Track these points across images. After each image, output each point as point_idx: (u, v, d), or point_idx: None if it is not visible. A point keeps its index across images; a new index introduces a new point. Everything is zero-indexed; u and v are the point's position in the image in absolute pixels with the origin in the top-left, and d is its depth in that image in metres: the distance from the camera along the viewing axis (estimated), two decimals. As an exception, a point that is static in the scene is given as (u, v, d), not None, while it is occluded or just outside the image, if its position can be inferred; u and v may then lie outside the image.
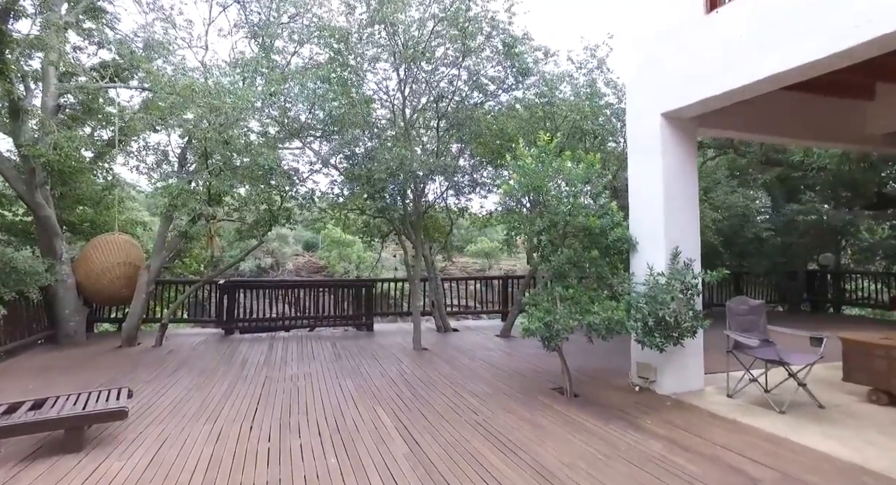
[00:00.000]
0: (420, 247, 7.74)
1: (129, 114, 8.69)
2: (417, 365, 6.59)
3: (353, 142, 6.83)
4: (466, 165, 8.34)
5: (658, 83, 5.11)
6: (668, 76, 4.99)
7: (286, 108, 7.01)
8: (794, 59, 3.77)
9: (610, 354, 6.66)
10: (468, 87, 7.65)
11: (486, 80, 7.79)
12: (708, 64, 4.53)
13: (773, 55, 3.92)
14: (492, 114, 7.83)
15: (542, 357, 6.95)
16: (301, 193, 7.70)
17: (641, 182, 5.38)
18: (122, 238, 8.25)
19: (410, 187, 7.14)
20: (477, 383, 5.63)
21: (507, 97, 8.08)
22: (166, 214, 7.52)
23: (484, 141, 8.24)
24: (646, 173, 5.30)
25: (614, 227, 5.21)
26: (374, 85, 7.93)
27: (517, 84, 7.83)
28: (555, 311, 4.86)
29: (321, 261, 38.73)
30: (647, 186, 5.28)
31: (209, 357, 7.12)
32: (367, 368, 6.46)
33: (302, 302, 9.59)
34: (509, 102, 8.26)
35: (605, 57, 7.69)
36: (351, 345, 8.13)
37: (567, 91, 7.61)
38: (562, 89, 7.56)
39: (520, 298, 9.00)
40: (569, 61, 7.88)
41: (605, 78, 7.74)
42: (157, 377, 5.91)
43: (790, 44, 3.80)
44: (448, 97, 7.64)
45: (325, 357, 7.17)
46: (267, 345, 8.14)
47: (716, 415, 4.31)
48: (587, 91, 7.47)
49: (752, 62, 4.10)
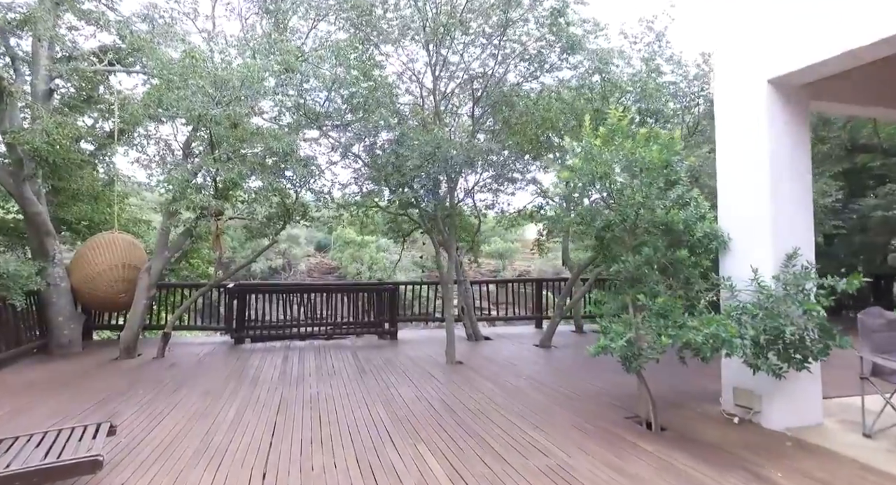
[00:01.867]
0: (453, 246, 6.82)
1: (131, 103, 7.89)
2: (456, 384, 5.67)
3: (380, 126, 5.89)
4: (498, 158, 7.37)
5: (764, 41, 4.13)
6: (779, 31, 4.01)
7: (303, 90, 6.13)
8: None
9: (681, 373, 5.67)
10: (505, 66, 6.71)
11: (526, 59, 6.84)
12: (835, 10, 3.55)
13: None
14: (530, 97, 6.87)
15: (596, 373, 5.99)
16: (319, 185, 6.80)
17: (736, 166, 4.41)
18: (121, 237, 7.44)
19: (443, 177, 6.22)
20: (534, 410, 4.69)
21: (551, 79, 7.12)
22: (169, 209, 6.68)
23: (521, 128, 7.30)
24: (743, 155, 4.32)
25: (700, 220, 4.24)
26: (398, 66, 7.03)
27: (561, 62, 6.87)
28: (637, 324, 3.91)
29: (333, 262, 38.14)
30: (744, 171, 4.30)
31: (216, 372, 6.26)
32: (397, 387, 5.55)
33: (318, 308, 8.72)
34: (551, 85, 7.30)
35: (665, 30, 6.70)
36: (375, 357, 7.23)
37: (621, 69, 6.63)
38: (613, 68, 6.57)
39: (561, 304, 8.05)
40: (622, 36, 6.90)
41: (664, 53, 6.74)
42: (154, 400, 5.05)
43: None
44: (483, 78, 6.71)
45: (348, 373, 6.27)
46: (281, 356, 7.27)
47: (869, 467, 3.29)
48: (645, 68, 6.48)
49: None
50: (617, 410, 4.64)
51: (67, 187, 7.91)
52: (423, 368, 6.54)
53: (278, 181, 6.34)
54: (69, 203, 7.97)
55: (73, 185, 7.52)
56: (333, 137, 6.60)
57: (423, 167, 5.55)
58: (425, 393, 5.31)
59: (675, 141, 4.21)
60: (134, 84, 8.13)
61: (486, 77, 6.68)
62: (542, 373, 6.26)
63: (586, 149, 4.34)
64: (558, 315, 8.03)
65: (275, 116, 6.35)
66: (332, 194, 6.92)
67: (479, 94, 6.65)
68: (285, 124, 6.22)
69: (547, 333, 7.98)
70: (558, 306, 8.03)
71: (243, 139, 5.90)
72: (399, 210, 7.57)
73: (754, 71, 4.17)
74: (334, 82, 6.04)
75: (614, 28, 10.07)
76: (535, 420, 4.40)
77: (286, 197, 6.63)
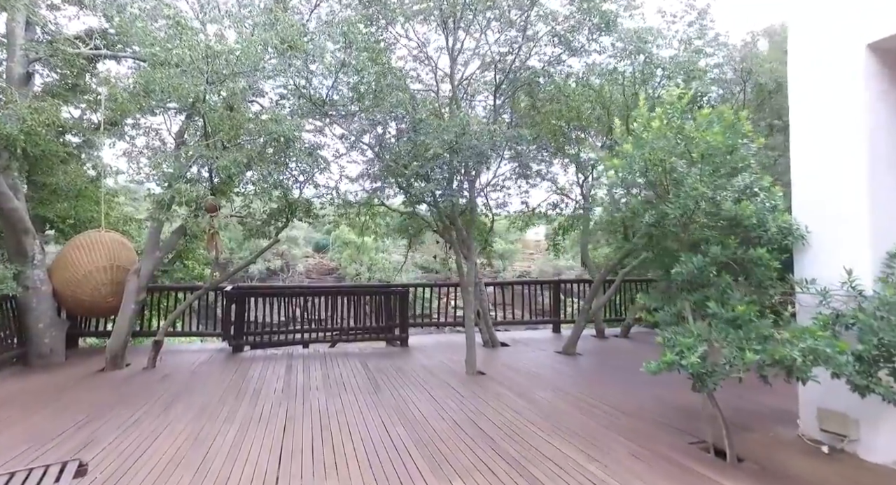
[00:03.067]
0: (473, 247, 6.21)
1: (119, 93, 7.25)
2: (481, 399, 5.06)
3: (396, 111, 5.25)
4: (525, 148, 6.77)
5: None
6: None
7: (307, 72, 5.49)
8: None
9: (735, 387, 5.09)
10: (529, 48, 6.10)
11: (552, 42, 6.23)
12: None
13: None
14: (555, 79, 6.26)
15: (635, 385, 5.40)
16: (325, 178, 6.17)
17: (818, 149, 3.82)
18: (108, 236, 6.80)
19: (461, 169, 5.60)
20: (577, 432, 4.09)
21: (578, 63, 6.52)
22: (161, 204, 6.05)
23: (545, 118, 6.71)
24: (829, 135, 3.73)
25: (771, 213, 3.64)
26: (410, 49, 6.40)
27: (590, 43, 6.27)
28: (710, 336, 3.31)
29: (332, 263, 37.51)
30: (830, 154, 3.71)
31: (213, 384, 5.64)
32: (416, 402, 4.94)
33: (323, 312, 8.09)
34: (578, 70, 6.71)
35: (707, 7, 6.10)
36: (386, 366, 6.62)
37: (657, 51, 6.02)
38: (652, 49, 5.97)
39: (586, 308, 7.46)
40: (659, 14, 6.30)
41: (706, 34, 6.13)
42: (142, 420, 4.42)
43: None
44: (503, 63, 6.10)
45: (359, 384, 5.66)
46: (284, 365, 6.65)
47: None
48: (684, 49, 5.89)
49: None
50: (675, 432, 4.04)
51: (50, 183, 7.26)
52: (440, 378, 5.94)
53: (280, 173, 5.71)
54: (52, 200, 7.33)
55: (56, 180, 6.87)
56: (340, 127, 5.97)
57: (444, 156, 4.93)
58: (449, 410, 4.71)
59: (741, 122, 3.61)
60: (123, 73, 7.35)
61: (510, 60, 6.07)
62: (574, 384, 5.66)
63: (641, 133, 3.75)
64: (583, 320, 7.43)
65: (276, 100, 5.72)
66: (339, 188, 6.29)
67: (500, 80, 6.04)
68: (287, 110, 5.58)
69: (570, 339, 7.38)
70: (583, 310, 7.44)
71: (241, 125, 5.27)
72: (411, 208, 6.98)
73: (849, 35, 3.57)
74: (343, 65, 5.41)
75: (650, 5, 9.47)
76: (582, 444, 3.81)
77: (289, 191, 6.00)
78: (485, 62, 6.09)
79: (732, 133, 3.65)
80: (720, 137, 3.44)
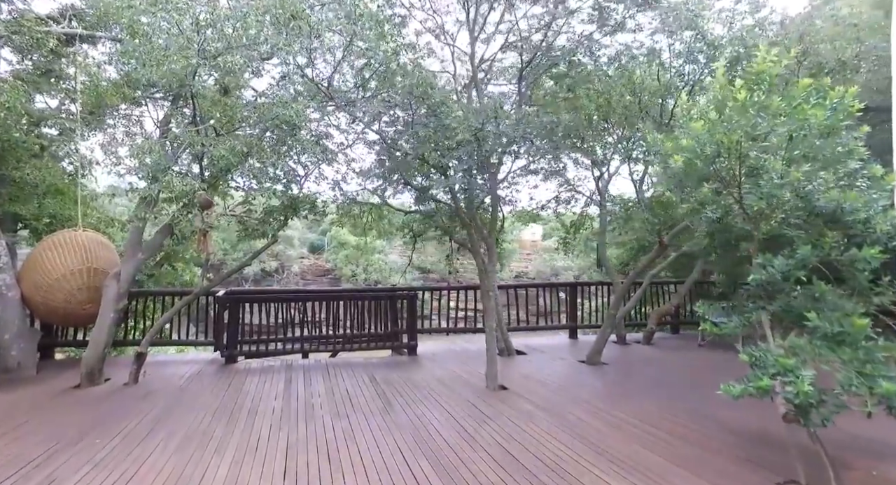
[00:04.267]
0: (494, 247, 5.60)
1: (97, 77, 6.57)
2: (510, 420, 4.43)
3: (414, 92, 4.58)
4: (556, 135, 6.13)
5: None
6: None
7: (311, 49, 4.84)
8: None
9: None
10: (559, 26, 5.49)
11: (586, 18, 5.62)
12: None
13: None
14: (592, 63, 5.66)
15: (683, 403, 4.81)
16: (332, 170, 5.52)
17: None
18: (86, 236, 6.10)
19: (487, 160, 4.97)
20: (631, 464, 3.48)
21: (612, 42, 5.90)
22: (145, 200, 5.39)
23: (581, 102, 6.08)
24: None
25: (882, 208, 3.05)
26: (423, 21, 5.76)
27: (626, 20, 5.66)
28: (814, 354, 2.71)
29: (328, 264, 36.81)
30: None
31: (203, 403, 4.98)
32: (436, 425, 4.31)
33: (324, 318, 7.44)
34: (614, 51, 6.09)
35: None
36: (396, 378, 5.99)
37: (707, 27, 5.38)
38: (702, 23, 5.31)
39: (612, 313, 6.86)
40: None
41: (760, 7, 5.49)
42: (117, 451, 3.76)
43: None
44: (532, 41, 5.49)
45: (368, 402, 5.02)
46: (282, 378, 6.00)
47: None
48: (731, 28, 5.29)
49: None
50: (754, 468, 3.43)
51: (22, 177, 6.56)
52: (458, 394, 5.31)
53: (284, 164, 5.06)
54: (23, 196, 6.63)
55: (22, 174, 6.17)
56: (347, 113, 5.30)
57: (471, 144, 4.29)
58: (474, 433, 4.08)
59: (849, 99, 3.00)
60: (103, 60, 6.64)
61: (538, 39, 5.43)
62: (609, 401, 5.05)
63: (716, 107, 3.15)
64: (609, 326, 6.83)
65: (277, 80, 5.07)
66: (346, 181, 5.65)
67: (527, 61, 5.42)
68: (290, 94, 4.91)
69: (595, 348, 6.76)
70: (608, 316, 6.84)
71: (236, 110, 4.62)
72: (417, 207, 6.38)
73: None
74: (350, 41, 4.77)
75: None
76: (642, 482, 3.19)
77: (292, 185, 5.33)
78: (508, 41, 5.46)
79: (838, 113, 3.05)
80: (820, 112, 2.84)
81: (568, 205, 9.79)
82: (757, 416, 4.29)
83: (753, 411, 4.12)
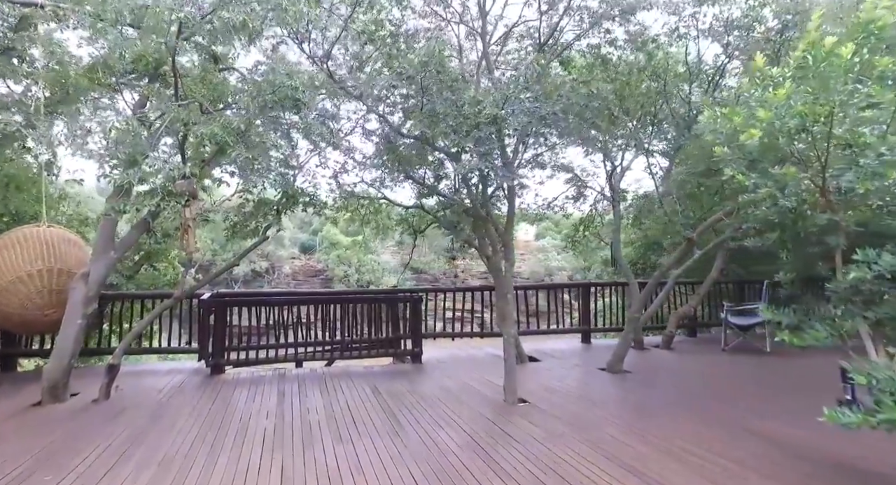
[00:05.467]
0: (510, 243, 5.01)
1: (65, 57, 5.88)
2: (539, 442, 3.85)
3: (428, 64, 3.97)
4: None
5: None
6: None
7: (309, 21, 4.21)
8: None
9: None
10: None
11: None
12: None
13: None
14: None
15: (733, 421, 4.27)
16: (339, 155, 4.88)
17: None
18: (50, 233, 5.41)
19: (498, 145, 4.37)
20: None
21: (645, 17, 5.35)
22: (120, 188, 4.73)
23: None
24: None
25: None
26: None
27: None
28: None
29: (319, 264, 36.05)
30: None
31: (184, 423, 4.33)
32: (455, 449, 3.71)
33: (320, 322, 6.81)
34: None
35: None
36: (402, 390, 5.38)
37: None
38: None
39: (636, 317, 6.31)
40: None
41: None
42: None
43: None
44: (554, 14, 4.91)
45: (373, 420, 4.41)
46: (274, 391, 5.37)
47: None
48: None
49: None
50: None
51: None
52: (474, 409, 4.72)
53: (284, 146, 4.42)
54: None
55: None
56: (349, 91, 4.66)
57: (492, 124, 3.70)
58: (501, 460, 3.49)
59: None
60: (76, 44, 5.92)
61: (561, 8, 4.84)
62: (647, 417, 4.49)
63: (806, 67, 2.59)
64: (632, 330, 6.28)
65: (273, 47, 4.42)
66: (346, 169, 5.03)
67: (549, 33, 4.84)
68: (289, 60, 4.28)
69: (617, 355, 6.20)
70: (631, 319, 6.29)
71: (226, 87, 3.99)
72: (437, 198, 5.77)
73: None
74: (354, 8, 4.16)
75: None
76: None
77: (293, 168, 4.68)
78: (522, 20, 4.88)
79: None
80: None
81: (576, 202, 9.31)
82: (818, 434, 3.76)
83: (812, 429, 3.58)
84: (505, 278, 4.94)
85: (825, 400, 2.72)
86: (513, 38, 5.57)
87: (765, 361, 6.63)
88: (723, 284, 8.80)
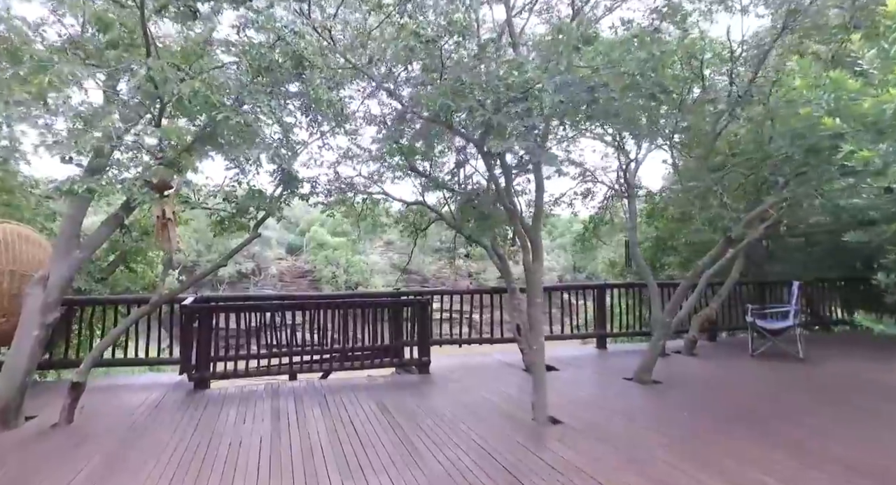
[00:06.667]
0: (539, 240, 4.42)
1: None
2: (584, 471, 3.25)
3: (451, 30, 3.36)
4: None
5: None
6: None
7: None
8: None
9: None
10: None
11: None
12: None
13: None
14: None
15: (801, 443, 3.72)
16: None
17: None
18: (4, 230, 4.66)
19: (538, 120, 3.77)
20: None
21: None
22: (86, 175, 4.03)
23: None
24: None
25: None
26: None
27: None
28: None
29: (306, 265, 35.14)
30: None
31: (161, 453, 3.64)
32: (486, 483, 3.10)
33: (314, 329, 6.14)
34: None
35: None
36: (413, 407, 4.75)
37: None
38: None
39: (667, 321, 5.76)
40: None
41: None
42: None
43: None
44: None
45: (386, 446, 3.77)
46: (268, 411, 4.69)
47: None
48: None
49: None
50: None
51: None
52: (501, 431, 4.11)
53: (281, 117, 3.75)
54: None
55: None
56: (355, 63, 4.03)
57: (527, 99, 3.11)
58: (553, 505, 2.89)
59: None
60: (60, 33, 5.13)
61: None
62: (703, 440, 3.92)
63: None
64: (661, 336, 5.73)
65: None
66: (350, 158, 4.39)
67: (578, 6, 4.26)
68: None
69: (646, 364, 5.64)
70: (662, 324, 5.73)
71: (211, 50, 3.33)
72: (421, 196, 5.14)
73: None
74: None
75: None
76: None
77: (290, 152, 4.03)
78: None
79: None
80: None
81: (586, 198, 8.81)
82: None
83: (883, 450, 3.06)
84: (535, 280, 4.34)
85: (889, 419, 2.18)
86: (535, 12, 4.99)
87: (804, 370, 6.11)
88: (742, 285, 8.33)
